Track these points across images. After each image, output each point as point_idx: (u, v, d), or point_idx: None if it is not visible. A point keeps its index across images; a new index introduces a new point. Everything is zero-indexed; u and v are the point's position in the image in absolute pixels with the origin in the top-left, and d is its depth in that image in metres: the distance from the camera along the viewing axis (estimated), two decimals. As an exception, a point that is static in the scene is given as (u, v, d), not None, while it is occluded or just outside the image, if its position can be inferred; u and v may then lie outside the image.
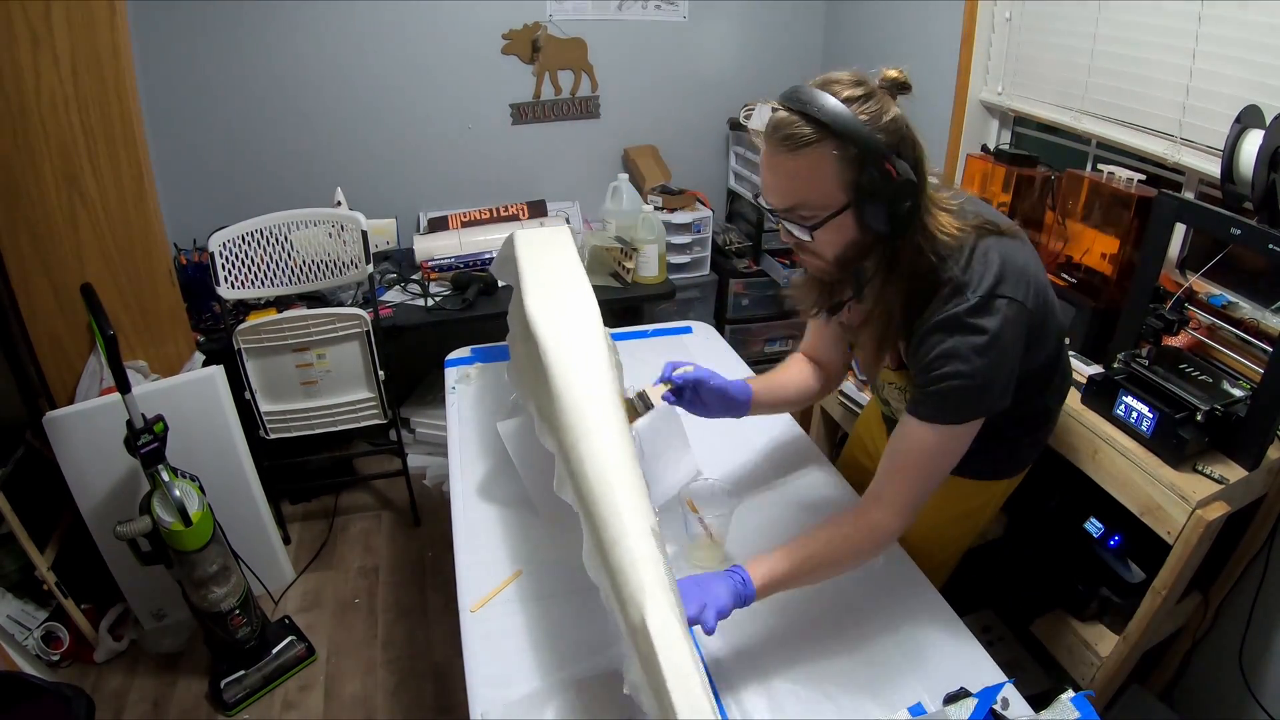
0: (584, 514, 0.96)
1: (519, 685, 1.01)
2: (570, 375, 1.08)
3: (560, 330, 1.17)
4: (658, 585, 0.82)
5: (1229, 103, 1.44)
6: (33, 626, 1.86)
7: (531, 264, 1.35)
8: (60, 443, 1.75)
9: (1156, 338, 1.44)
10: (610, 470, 0.94)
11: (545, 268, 1.34)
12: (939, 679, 1.00)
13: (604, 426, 1.00)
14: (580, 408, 1.03)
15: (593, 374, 1.09)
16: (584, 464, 0.96)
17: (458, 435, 1.55)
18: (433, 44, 2.57)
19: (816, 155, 0.90)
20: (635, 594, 0.82)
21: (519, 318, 1.30)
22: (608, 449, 0.97)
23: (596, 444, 0.98)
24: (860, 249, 0.97)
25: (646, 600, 0.80)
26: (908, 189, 0.90)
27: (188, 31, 2.32)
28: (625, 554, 0.85)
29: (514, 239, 1.48)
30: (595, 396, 1.05)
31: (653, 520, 0.90)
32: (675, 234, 2.71)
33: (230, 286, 2.02)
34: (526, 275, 1.31)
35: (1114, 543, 1.48)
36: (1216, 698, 1.62)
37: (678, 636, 0.78)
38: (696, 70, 2.86)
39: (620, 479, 0.93)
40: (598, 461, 0.96)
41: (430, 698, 1.88)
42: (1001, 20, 2.09)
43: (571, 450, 0.99)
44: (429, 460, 2.63)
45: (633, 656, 0.84)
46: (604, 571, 0.90)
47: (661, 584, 0.83)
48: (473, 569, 1.21)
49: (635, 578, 0.83)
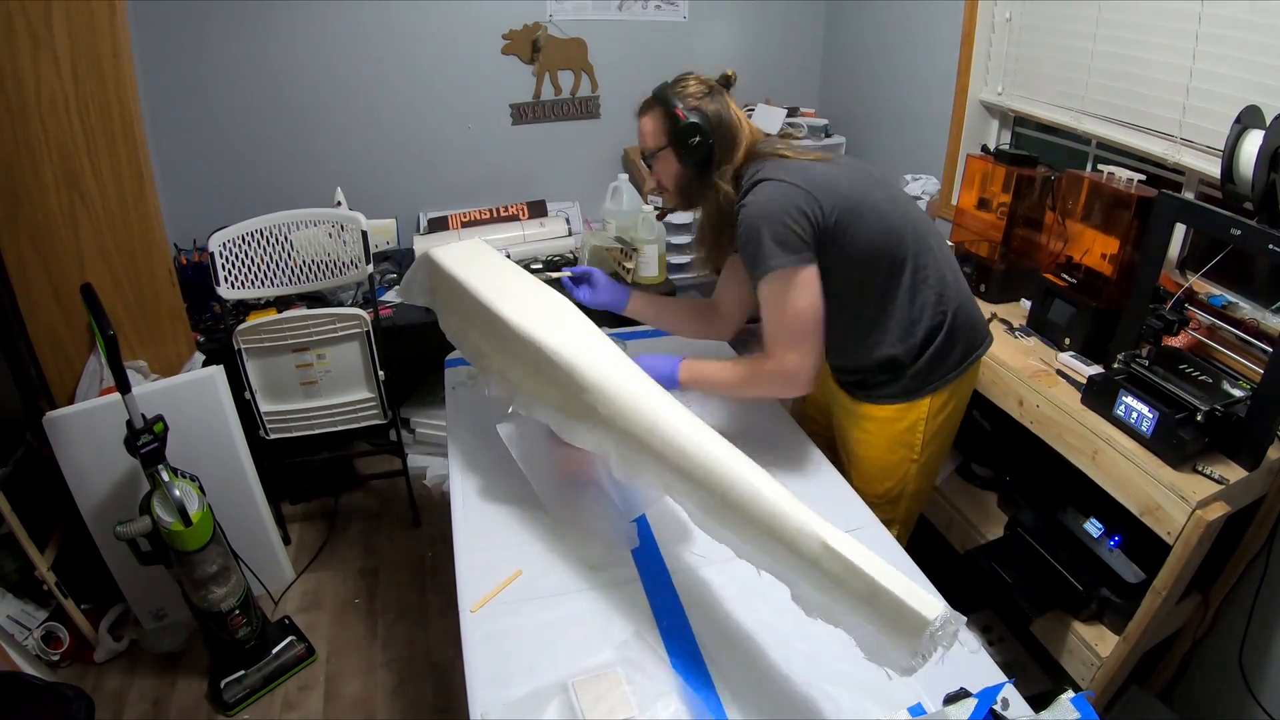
0: (695, 483, 0.99)
1: (519, 685, 1.01)
2: (602, 365, 1.12)
3: (555, 329, 1.19)
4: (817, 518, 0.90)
5: (1229, 103, 1.44)
6: (33, 626, 1.86)
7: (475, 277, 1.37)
8: (60, 443, 1.75)
9: (1156, 338, 1.44)
10: (701, 434, 1.01)
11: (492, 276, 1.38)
12: (939, 679, 1.00)
13: (668, 404, 1.06)
14: (631, 390, 1.08)
15: (614, 356, 1.15)
16: (678, 438, 1.00)
17: (458, 436, 1.55)
18: (433, 44, 2.57)
19: (648, 117, 1.39)
20: (804, 528, 0.88)
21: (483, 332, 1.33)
22: (687, 421, 1.03)
23: (674, 416, 1.03)
24: (686, 178, 1.37)
25: (819, 529, 0.88)
26: (691, 130, 1.32)
27: (188, 32, 2.32)
28: (771, 502, 0.92)
29: (435, 257, 1.47)
30: (638, 381, 1.10)
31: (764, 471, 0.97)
32: (675, 234, 2.70)
33: (230, 286, 2.02)
34: (481, 290, 1.33)
35: (1114, 543, 1.48)
36: (1216, 698, 1.62)
37: (863, 549, 0.86)
38: (696, 70, 2.84)
39: (717, 445, 0.99)
40: (687, 430, 1.01)
41: (430, 698, 1.88)
42: (1001, 20, 2.10)
43: (650, 432, 1.03)
44: (429, 460, 2.63)
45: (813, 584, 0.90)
46: (746, 524, 0.94)
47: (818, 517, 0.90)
48: (473, 569, 1.21)
49: (796, 515, 0.90)
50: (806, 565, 0.89)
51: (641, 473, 1.08)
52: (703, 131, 1.32)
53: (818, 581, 0.90)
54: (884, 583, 0.83)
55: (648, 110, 1.40)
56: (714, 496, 0.98)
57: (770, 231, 1.23)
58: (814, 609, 0.92)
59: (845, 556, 0.85)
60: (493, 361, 1.34)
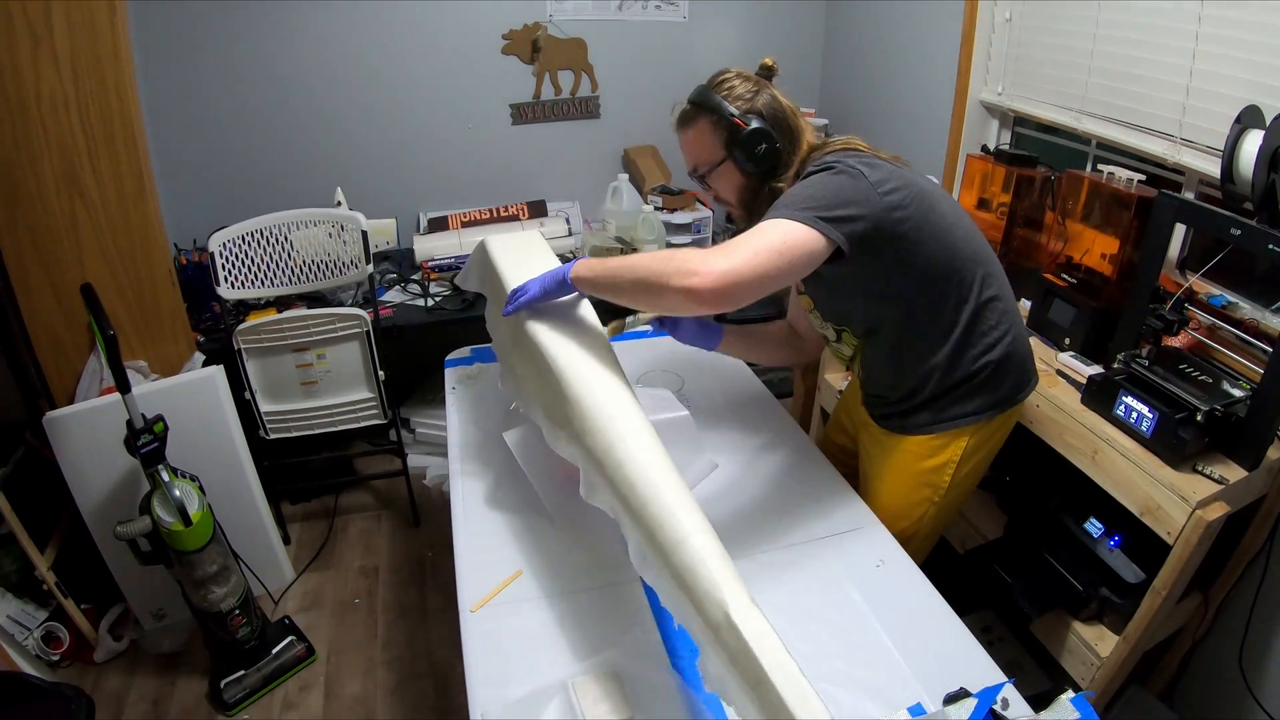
0: (632, 518, 0.94)
1: (519, 685, 1.01)
2: (589, 380, 1.07)
3: (563, 335, 1.17)
4: (734, 580, 0.83)
5: (1229, 103, 1.44)
6: (33, 626, 1.86)
7: (514, 272, 1.33)
8: (60, 443, 1.75)
9: (1156, 338, 1.44)
10: (653, 470, 0.94)
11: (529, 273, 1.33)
12: (939, 679, 1.00)
13: (635, 429, 1.00)
14: (606, 412, 1.02)
15: (607, 376, 1.09)
16: (624, 468, 0.95)
17: (458, 435, 1.55)
18: (433, 44, 2.57)
19: (695, 128, 1.24)
20: (712, 591, 0.82)
21: (510, 326, 1.30)
22: (646, 451, 0.97)
23: (634, 447, 0.97)
24: (750, 190, 1.24)
25: (727, 596, 0.81)
26: (758, 135, 1.18)
27: (188, 31, 2.32)
28: (692, 553, 0.85)
29: (487, 246, 1.45)
30: (618, 399, 1.04)
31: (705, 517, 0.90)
32: (675, 234, 2.71)
33: (230, 286, 2.02)
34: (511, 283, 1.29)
35: (1114, 543, 1.48)
36: (1216, 698, 1.62)
37: (766, 629, 0.79)
38: (696, 70, 2.80)
39: (665, 479, 0.93)
40: (639, 464, 0.95)
41: (430, 698, 1.88)
42: (1001, 20, 2.09)
43: (606, 456, 0.98)
44: (429, 460, 2.63)
45: (713, 653, 0.84)
46: (667, 573, 0.88)
47: (738, 579, 0.83)
48: (473, 569, 1.21)
49: (708, 575, 0.83)
50: (710, 632, 0.82)
51: (598, 494, 1.04)
52: (768, 136, 1.19)
53: (717, 652, 0.82)
54: (771, 674, 0.75)
55: (692, 121, 1.24)
56: (643, 535, 0.92)
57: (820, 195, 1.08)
58: (710, 680, 0.86)
59: (741, 634, 0.78)
60: (510, 356, 1.33)
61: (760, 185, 1.23)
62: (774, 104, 1.22)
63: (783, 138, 1.21)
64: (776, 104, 1.22)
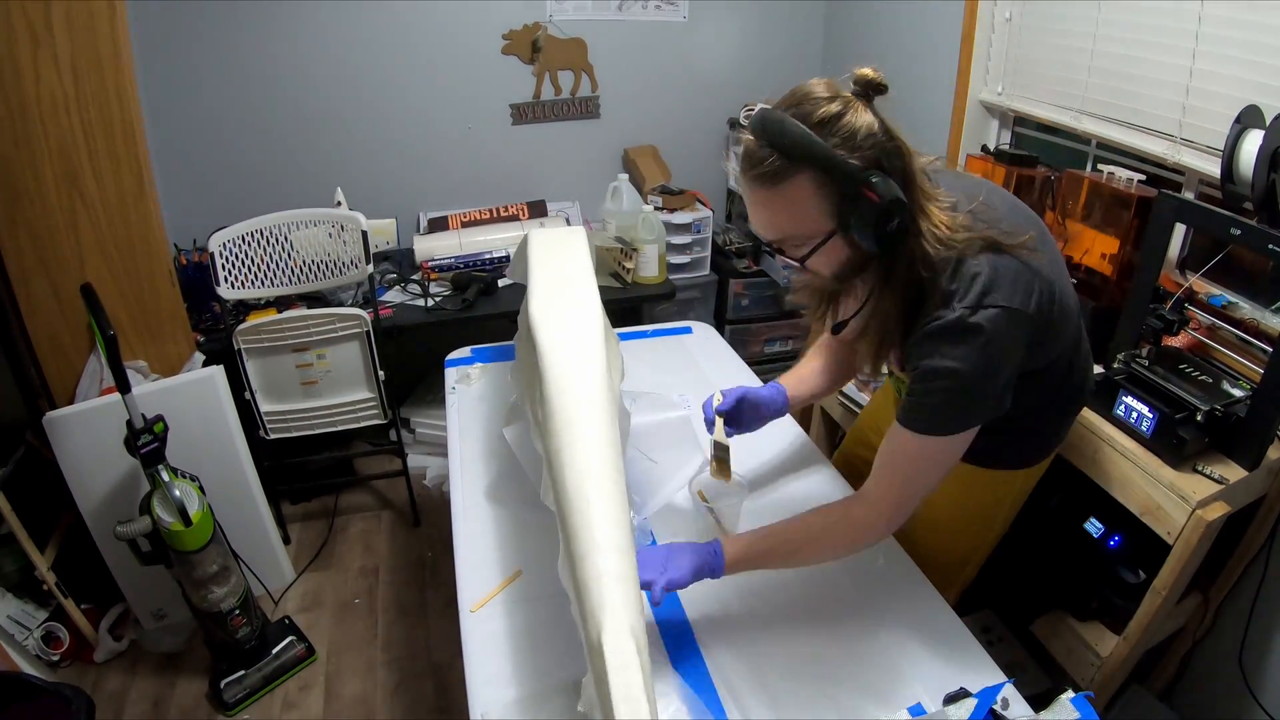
0: (560, 524, 0.93)
1: (519, 685, 1.01)
2: (564, 381, 1.04)
3: (560, 334, 1.15)
4: (620, 604, 0.80)
5: (1229, 103, 1.43)
6: (33, 626, 1.86)
7: (541, 265, 1.33)
8: (60, 443, 1.75)
9: (1156, 338, 1.44)
10: (588, 481, 0.90)
11: (554, 269, 1.32)
12: (939, 679, 1.00)
13: (590, 437, 0.96)
14: (569, 415, 0.99)
15: (588, 381, 1.05)
16: (564, 472, 0.93)
17: (458, 435, 1.55)
18: (433, 44, 2.57)
19: (793, 188, 0.88)
20: (595, 611, 0.80)
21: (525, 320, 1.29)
22: (589, 459, 0.93)
23: (580, 453, 0.94)
24: (856, 265, 0.95)
25: (606, 618, 0.78)
26: (894, 207, 0.85)
27: (188, 31, 2.32)
28: (591, 569, 0.83)
29: (529, 240, 1.45)
30: (587, 403, 1.01)
31: (628, 536, 0.87)
32: (675, 234, 2.71)
33: (230, 286, 2.02)
34: (535, 277, 1.29)
35: (1114, 543, 1.47)
36: (1216, 698, 1.62)
37: (630, 660, 0.76)
38: (696, 70, 2.85)
39: (598, 491, 0.89)
40: (577, 471, 0.92)
41: (430, 698, 1.88)
42: (1001, 20, 2.09)
43: (555, 458, 0.96)
44: (429, 460, 2.63)
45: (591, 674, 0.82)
46: (571, 584, 0.88)
47: (626, 603, 0.80)
48: (473, 569, 1.21)
49: (598, 594, 0.81)
50: (586, 651, 0.80)
51: (547, 495, 1.01)
52: (904, 208, 0.86)
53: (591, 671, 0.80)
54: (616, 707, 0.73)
55: (787, 178, 0.87)
56: (563, 542, 0.91)
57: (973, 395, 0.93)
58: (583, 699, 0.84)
59: (605, 659, 0.75)
60: (521, 349, 1.32)
61: (869, 259, 0.94)
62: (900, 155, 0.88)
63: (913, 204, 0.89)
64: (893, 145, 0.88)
